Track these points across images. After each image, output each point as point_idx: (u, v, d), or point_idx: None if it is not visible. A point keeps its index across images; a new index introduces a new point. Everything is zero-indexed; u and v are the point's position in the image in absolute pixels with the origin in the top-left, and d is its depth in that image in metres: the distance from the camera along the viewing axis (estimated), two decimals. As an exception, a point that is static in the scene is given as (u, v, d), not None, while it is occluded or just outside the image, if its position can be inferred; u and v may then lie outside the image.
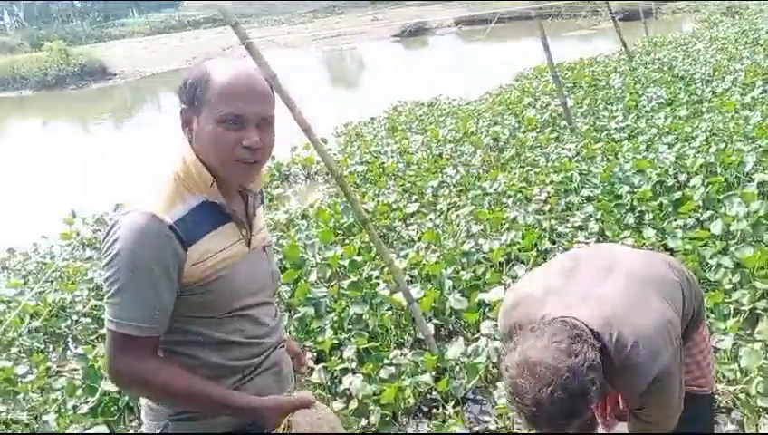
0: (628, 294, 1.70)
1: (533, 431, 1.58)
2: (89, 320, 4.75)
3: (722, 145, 6.01)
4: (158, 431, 1.53)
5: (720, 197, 4.88)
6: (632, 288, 1.72)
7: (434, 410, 3.30)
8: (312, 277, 4.61)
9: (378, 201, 6.25)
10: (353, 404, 3.28)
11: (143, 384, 1.45)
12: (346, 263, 4.73)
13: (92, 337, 4.50)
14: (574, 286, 1.75)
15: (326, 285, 4.55)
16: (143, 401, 1.59)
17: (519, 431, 2.05)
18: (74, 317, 4.84)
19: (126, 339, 1.40)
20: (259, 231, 1.62)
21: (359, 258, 4.80)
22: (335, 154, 8.61)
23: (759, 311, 3.54)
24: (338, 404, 3.32)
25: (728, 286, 3.79)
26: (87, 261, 6.27)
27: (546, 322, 1.61)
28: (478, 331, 3.83)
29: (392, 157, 7.91)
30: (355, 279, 4.45)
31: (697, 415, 1.94)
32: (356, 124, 10.51)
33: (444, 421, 3.15)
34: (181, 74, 1.55)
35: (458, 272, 4.53)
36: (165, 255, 1.39)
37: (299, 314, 4.09)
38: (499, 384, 3.36)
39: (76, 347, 4.42)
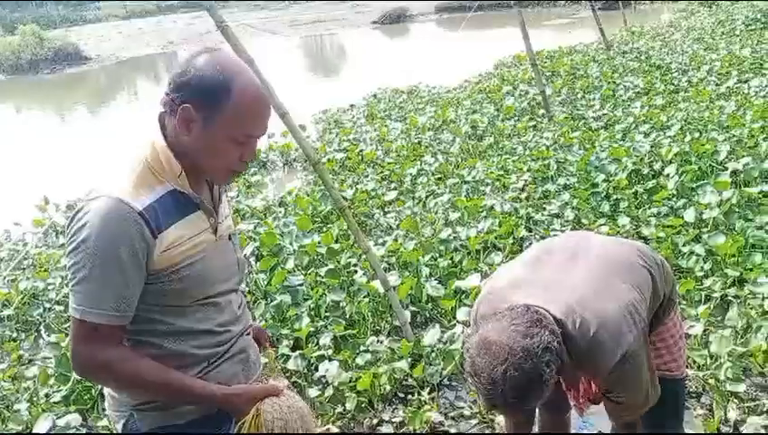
0: (591, 279, 1.72)
1: (494, 413, 1.62)
2: (61, 308, 4.68)
3: (696, 134, 6.09)
4: (122, 422, 1.50)
5: (694, 185, 4.95)
6: (596, 274, 1.74)
7: (409, 397, 3.31)
8: (290, 265, 4.59)
9: (356, 189, 6.24)
10: (329, 391, 3.29)
11: (108, 373, 1.42)
12: (324, 250, 4.71)
13: (65, 325, 4.44)
14: (539, 277, 1.78)
15: (303, 272, 4.54)
16: (106, 391, 1.57)
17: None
18: (47, 305, 4.77)
19: (91, 327, 1.37)
20: (225, 219, 1.61)
21: (336, 246, 4.79)
22: (313, 141, 8.56)
23: (730, 298, 3.60)
24: (314, 391, 3.32)
25: (700, 274, 3.85)
26: (60, 248, 6.17)
27: (509, 308, 1.65)
28: (454, 318, 3.85)
29: (371, 144, 7.89)
30: (332, 267, 4.44)
31: (668, 398, 1.97)
32: (335, 111, 10.45)
33: (419, 407, 3.17)
34: (180, 61, 1.46)
35: (436, 259, 4.55)
36: (134, 241, 1.36)
37: (276, 302, 4.08)
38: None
39: (49, 335, 4.36)
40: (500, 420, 2.94)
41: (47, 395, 3.44)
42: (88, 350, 1.39)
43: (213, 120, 1.39)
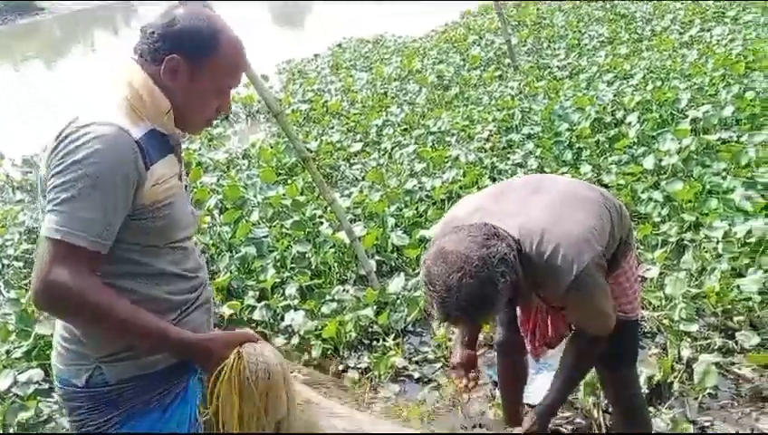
0: (552, 208, 1.75)
1: (447, 324, 1.64)
2: (21, 264, 4.59)
3: (659, 83, 6.14)
4: (84, 376, 1.43)
5: (654, 133, 5.02)
6: (557, 205, 1.77)
7: (374, 343, 3.36)
8: (254, 217, 4.55)
9: (321, 140, 6.17)
10: (295, 340, 3.31)
11: (82, 303, 1.30)
12: (288, 202, 4.68)
13: (24, 281, 4.36)
14: (500, 206, 1.80)
15: (268, 224, 4.51)
16: (63, 345, 1.47)
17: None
18: (5, 261, 4.67)
19: (70, 250, 1.28)
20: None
21: (301, 198, 4.76)
22: (276, 92, 8.41)
23: (686, 242, 3.69)
24: (280, 340, 3.34)
25: (657, 219, 3.93)
26: (18, 204, 6.01)
27: (468, 225, 1.66)
28: (419, 266, 3.88)
29: (336, 95, 7.79)
30: (298, 218, 4.42)
31: (623, 339, 2.02)
32: (299, 61, 10.25)
33: (384, 353, 3.22)
34: (163, 12, 1.45)
35: (401, 210, 4.56)
36: (130, 169, 1.34)
37: (240, 254, 4.06)
38: (438, 317, 3.45)
39: (8, 291, 4.27)
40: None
41: (8, 351, 3.39)
42: (63, 273, 1.28)
43: (201, 71, 1.43)
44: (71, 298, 1.30)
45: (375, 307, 3.51)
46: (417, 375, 3.11)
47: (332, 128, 6.62)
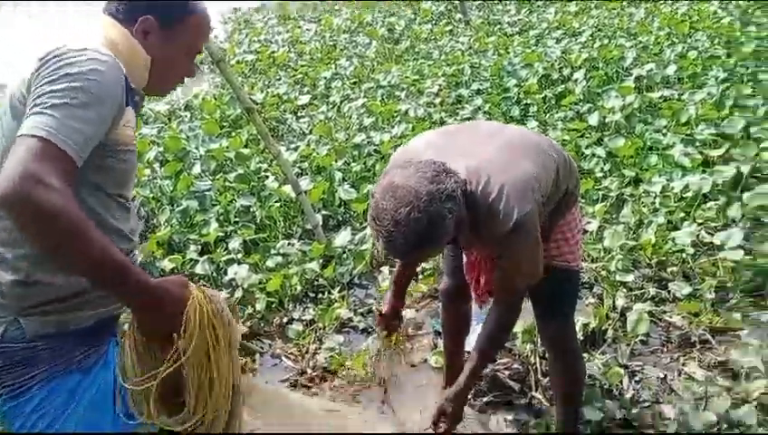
0: (502, 152, 1.77)
1: (391, 257, 1.64)
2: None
3: (606, 41, 6.20)
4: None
5: (599, 90, 5.08)
6: (507, 150, 1.79)
7: (320, 296, 3.36)
8: (196, 170, 4.43)
9: (267, 92, 6.02)
10: (239, 293, 3.27)
11: (59, 208, 1.14)
12: (232, 155, 4.57)
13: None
14: (452, 144, 1.81)
15: (211, 178, 4.40)
16: None
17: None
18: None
19: (56, 152, 1.18)
20: None
21: (246, 151, 4.64)
22: (221, 42, 8.13)
23: (625, 196, 3.79)
24: (223, 294, 3.29)
25: (600, 174, 4.01)
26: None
27: (417, 161, 1.66)
28: (366, 220, 3.87)
29: (283, 46, 7.58)
30: (242, 172, 4.33)
31: (563, 288, 2.09)
32: (245, 11, 9.90)
33: (329, 305, 3.22)
34: None
35: (349, 164, 4.52)
36: (119, 95, 1.31)
37: (182, 208, 3.95)
38: (383, 269, 3.46)
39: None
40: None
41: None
42: (43, 168, 1.14)
43: (173, 33, 1.45)
44: (50, 199, 1.13)
45: (321, 261, 3.50)
46: (362, 326, 3.13)
47: (279, 80, 6.47)
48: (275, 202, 4.00)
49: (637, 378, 2.62)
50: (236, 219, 3.95)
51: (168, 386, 1.35)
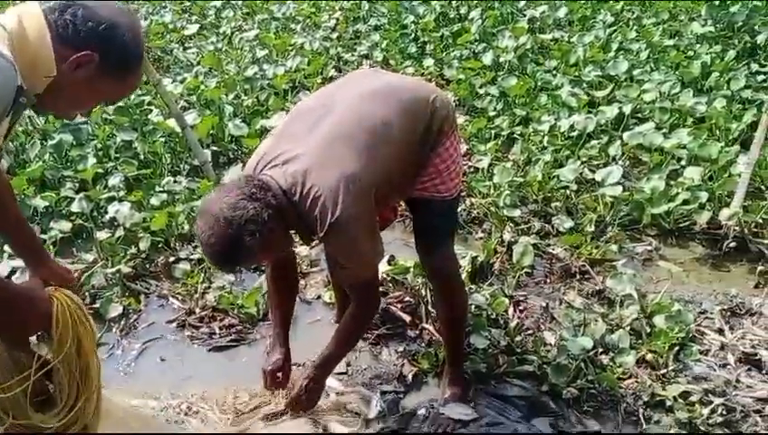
0: (322, 148, 1.83)
1: None
2: None
3: (501, -20, 6.20)
4: None
5: (494, 30, 5.11)
6: (328, 141, 1.84)
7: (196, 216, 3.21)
8: (71, 101, 4.07)
9: (151, 20, 5.60)
10: (120, 232, 3.08)
11: None
12: (112, 86, 4.22)
13: None
14: (280, 148, 1.88)
15: (88, 110, 4.05)
16: None
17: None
18: None
19: None
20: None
21: (127, 81, 4.31)
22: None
23: (516, 135, 3.87)
24: (103, 234, 3.08)
25: (492, 113, 4.07)
26: None
27: (237, 178, 1.84)
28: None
29: (170, -29, 7.04)
30: (122, 104, 4.01)
31: (442, 219, 2.13)
32: (127, -68, 9.08)
33: (218, 244, 3.10)
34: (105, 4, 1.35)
35: (240, 98, 4.32)
36: (5, 103, 1.23)
37: (54, 141, 3.63)
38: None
39: None
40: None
41: None
42: None
43: (104, 81, 1.35)
44: None
45: (210, 198, 3.34)
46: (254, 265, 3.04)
47: (165, 8, 6.03)
48: (159, 137, 3.76)
49: (521, 307, 2.73)
50: (117, 155, 3.69)
51: (39, 387, 1.35)
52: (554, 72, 4.47)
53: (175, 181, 3.47)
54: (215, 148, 3.86)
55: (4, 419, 1.30)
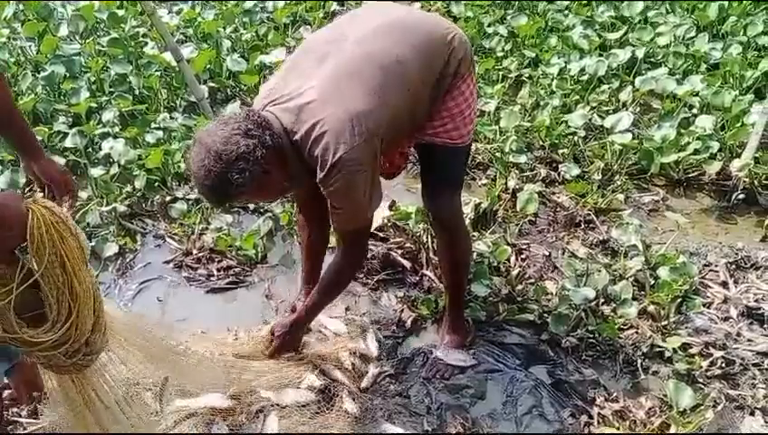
0: (328, 84, 1.74)
1: None
2: None
3: None
4: None
5: (505, -35, 4.88)
6: (335, 78, 1.75)
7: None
8: (63, 31, 3.92)
9: (146, -53, 5.33)
10: (114, 169, 3.01)
11: None
12: (104, 16, 4.06)
13: None
14: (287, 86, 1.78)
15: (80, 41, 3.91)
16: None
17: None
18: None
19: None
20: None
21: (120, 11, 4.15)
22: None
23: (524, 78, 3.74)
24: (97, 170, 3.01)
25: (500, 54, 3.92)
26: None
27: (238, 112, 1.77)
28: (257, 93, 3.61)
29: None
30: (116, 35, 3.87)
31: (451, 165, 2.06)
32: None
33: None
34: None
35: (238, 32, 4.16)
36: None
37: (47, 73, 3.51)
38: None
39: None
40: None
41: None
42: None
43: None
44: None
45: (207, 136, 3.25)
46: (252, 206, 2.98)
47: (161, -66, 5.73)
48: (155, 71, 3.63)
49: (523, 256, 2.69)
50: (111, 89, 3.57)
51: (24, 301, 1.30)
52: (566, 11, 4.29)
53: (171, 118, 3.37)
54: (212, 84, 3.74)
55: None
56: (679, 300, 2.44)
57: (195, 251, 2.74)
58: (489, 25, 4.13)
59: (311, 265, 2.28)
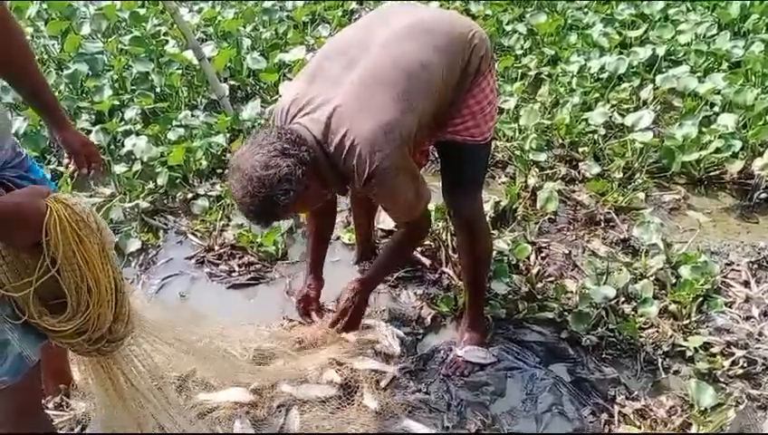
0: (358, 94, 1.75)
1: None
2: None
3: None
4: None
5: (524, -37, 4.86)
6: (364, 88, 1.75)
7: (227, 171, 3.17)
8: (85, 30, 3.97)
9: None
10: (137, 166, 3.04)
11: None
12: (126, 15, 4.11)
13: None
14: (315, 91, 1.79)
15: (103, 40, 3.96)
16: None
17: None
18: None
19: None
20: None
21: (142, 10, 4.19)
22: None
23: (543, 75, 3.73)
24: (120, 167, 3.05)
25: (519, 52, 3.91)
26: None
27: (269, 131, 1.73)
28: (277, 92, 3.65)
29: None
30: (138, 34, 3.92)
31: (472, 163, 2.07)
32: None
33: (237, 181, 3.06)
34: None
35: (258, 30, 4.19)
36: None
37: (70, 71, 3.55)
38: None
39: None
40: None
41: None
42: None
43: None
44: None
45: (228, 134, 3.29)
46: (272, 202, 3.00)
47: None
48: (176, 69, 3.67)
49: (543, 254, 2.69)
50: (133, 87, 3.61)
51: (48, 290, 1.32)
52: (586, 9, 4.27)
53: (192, 115, 3.41)
54: (232, 82, 3.77)
55: (20, 317, 1.32)
56: (701, 299, 2.43)
57: (216, 247, 2.77)
58: (508, 23, 4.13)
59: (317, 254, 2.32)
